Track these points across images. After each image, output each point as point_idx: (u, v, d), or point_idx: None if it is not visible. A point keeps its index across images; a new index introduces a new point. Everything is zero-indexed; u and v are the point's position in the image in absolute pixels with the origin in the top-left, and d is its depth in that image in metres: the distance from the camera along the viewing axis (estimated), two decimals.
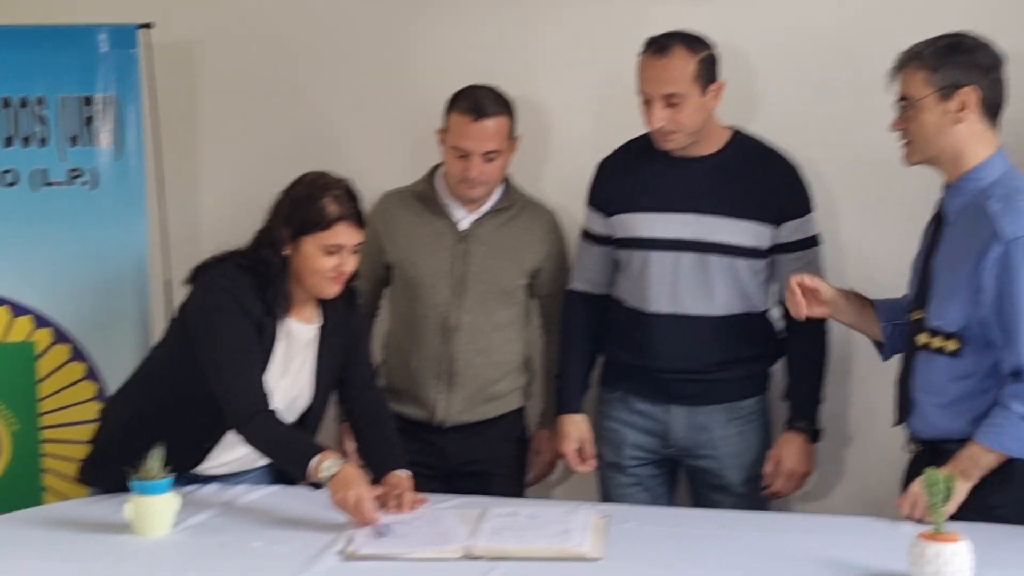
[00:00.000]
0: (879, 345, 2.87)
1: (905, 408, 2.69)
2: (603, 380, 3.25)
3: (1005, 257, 2.46)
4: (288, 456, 2.73)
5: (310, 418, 2.92)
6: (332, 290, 2.83)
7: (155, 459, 2.60)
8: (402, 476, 2.78)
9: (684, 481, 3.25)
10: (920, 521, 2.45)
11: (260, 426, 2.72)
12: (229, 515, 2.72)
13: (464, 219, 3.24)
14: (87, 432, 3.39)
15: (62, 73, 3.50)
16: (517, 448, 3.38)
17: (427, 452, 3.21)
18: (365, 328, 3.04)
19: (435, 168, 3.31)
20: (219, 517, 2.70)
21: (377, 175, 3.37)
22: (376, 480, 2.76)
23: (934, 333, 2.59)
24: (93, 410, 3.43)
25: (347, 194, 2.81)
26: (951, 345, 2.56)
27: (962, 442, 2.52)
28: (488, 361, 3.25)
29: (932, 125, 2.56)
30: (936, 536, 2.15)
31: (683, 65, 2.93)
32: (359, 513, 2.56)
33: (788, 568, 2.31)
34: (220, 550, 2.50)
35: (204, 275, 2.84)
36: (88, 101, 3.51)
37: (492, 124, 3.12)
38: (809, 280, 2.80)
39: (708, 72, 2.97)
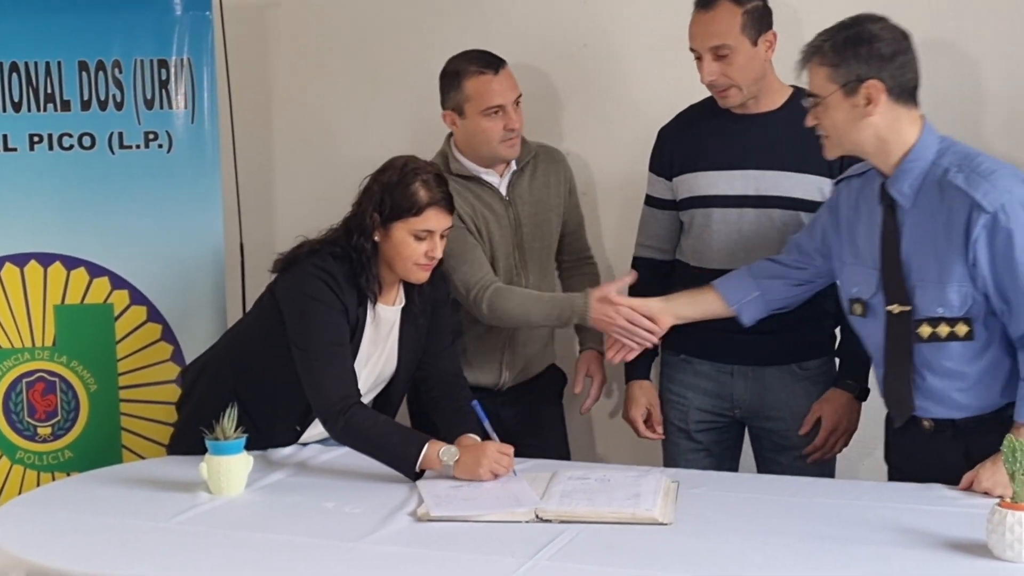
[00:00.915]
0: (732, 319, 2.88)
1: (907, 406, 2.62)
2: (665, 343, 3.21)
3: (994, 226, 2.42)
4: (389, 453, 2.71)
5: (392, 395, 2.96)
6: (422, 276, 2.85)
7: (229, 419, 2.64)
8: (475, 439, 2.80)
9: (748, 447, 3.23)
10: (987, 494, 2.42)
11: (353, 422, 2.72)
12: (302, 475, 2.76)
13: (500, 183, 3.24)
14: (164, 392, 3.48)
15: (137, 36, 3.52)
16: (559, 405, 3.44)
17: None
18: (444, 299, 3.02)
19: (442, 154, 3.25)
20: (293, 477, 2.74)
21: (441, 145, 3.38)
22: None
23: (937, 322, 2.53)
24: (170, 371, 3.49)
25: (436, 179, 2.82)
26: (962, 329, 2.51)
27: (997, 412, 2.50)
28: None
29: (843, 121, 2.54)
30: (1016, 504, 2.12)
31: (729, 17, 2.91)
32: (501, 470, 2.64)
33: (862, 535, 2.28)
34: (292, 509, 2.53)
35: (300, 263, 2.83)
36: (163, 64, 3.53)
37: (508, 73, 3.16)
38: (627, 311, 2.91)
39: (757, 23, 2.93)
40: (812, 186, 2.98)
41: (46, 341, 3.53)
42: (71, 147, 3.51)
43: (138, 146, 3.53)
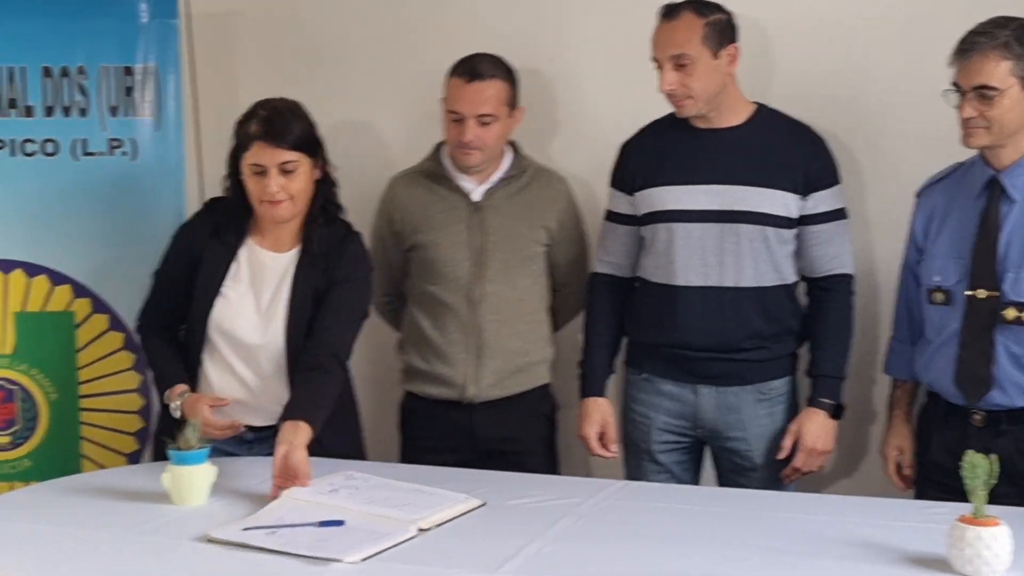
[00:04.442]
0: None
1: (984, 384, 2.72)
2: (628, 361, 3.23)
3: None
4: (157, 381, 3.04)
5: (292, 344, 2.93)
6: (272, 213, 2.90)
7: (192, 429, 2.63)
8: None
9: (710, 468, 3.23)
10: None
11: (144, 342, 3.08)
12: (266, 485, 2.74)
13: (476, 190, 3.24)
14: (125, 401, 3.47)
15: (103, 43, 3.51)
16: (547, 425, 3.37)
17: (457, 433, 3.24)
18: (348, 277, 2.96)
19: (440, 144, 3.31)
20: (258, 486, 2.71)
21: (409, 152, 3.40)
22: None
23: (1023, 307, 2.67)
24: (131, 380, 3.47)
25: (272, 113, 2.89)
26: None
27: None
28: (514, 331, 3.25)
29: (1017, 114, 2.65)
30: (976, 520, 2.14)
31: (690, 27, 2.94)
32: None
33: (818, 549, 2.29)
34: None
35: None
36: (128, 71, 3.52)
37: (486, 87, 3.13)
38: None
39: (719, 36, 2.96)
40: (778, 201, 2.99)
41: (6, 349, 3.50)
42: (34, 153, 3.49)
43: (102, 153, 3.51)
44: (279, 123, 2.86)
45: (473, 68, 3.14)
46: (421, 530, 2.40)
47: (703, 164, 3.04)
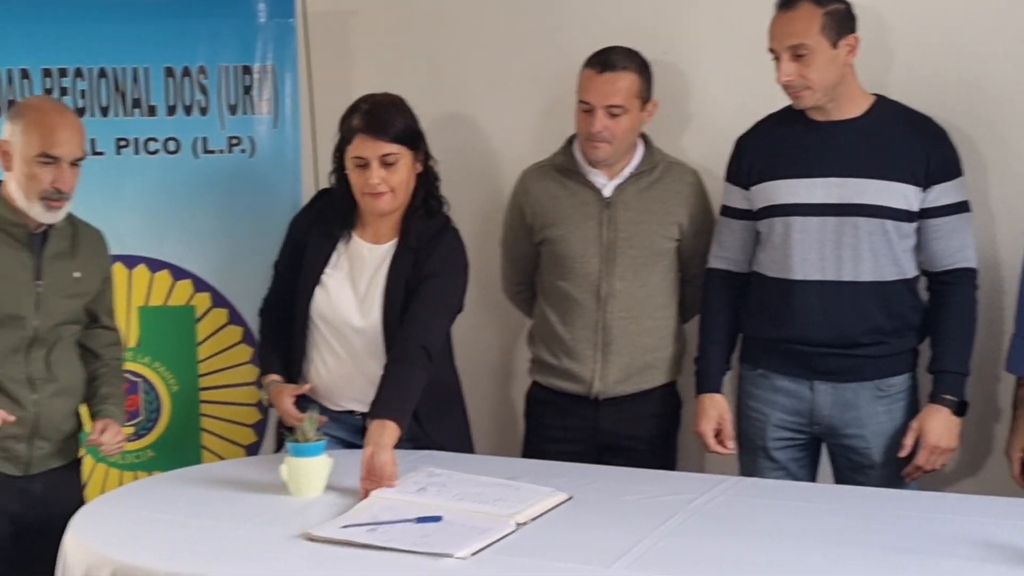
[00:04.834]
0: None
1: None
2: (743, 357, 3.20)
3: None
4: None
5: (389, 331, 2.97)
6: (374, 206, 2.95)
7: (310, 422, 2.67)
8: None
9: (826, 464, 3.18)
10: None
11: (261, 324, 3.19)
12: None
13: (607, 185, 3.23)
14: (244, 394, 3.53)
15: (222, 43, 3.57)
16: (670, 422, 3.35)
17: (580, 427, 3.24)
18: (441, 271, 2.98)
19: (572, 137, 3.30)
20: None
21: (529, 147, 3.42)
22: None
23: None
24: (249, 373, 3.53)
25: (375, 107, 2.95)
26: None
27: None
28: (642, 328, 3.23)
29: None
30: None
31: (808, 17, 2.89)
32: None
33: (939, 548, 2.25)
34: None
35: None
36: (247, 70, 3.58)
37: (617, 78, 3.12)
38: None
39: (837, 25, 2.90)
40: (898, 194, 2.93)
41: (130, 342, 3.57)
42: (156, 151, 3.57)
43: (221, 151, 3.58)
44: (381, 116, 2.92)
45: (606, 59, 3.14)
46: (519, 524, 2.40)
47: (821, 157, 2.99)
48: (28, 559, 2.84)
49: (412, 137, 2.97)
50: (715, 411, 3.15)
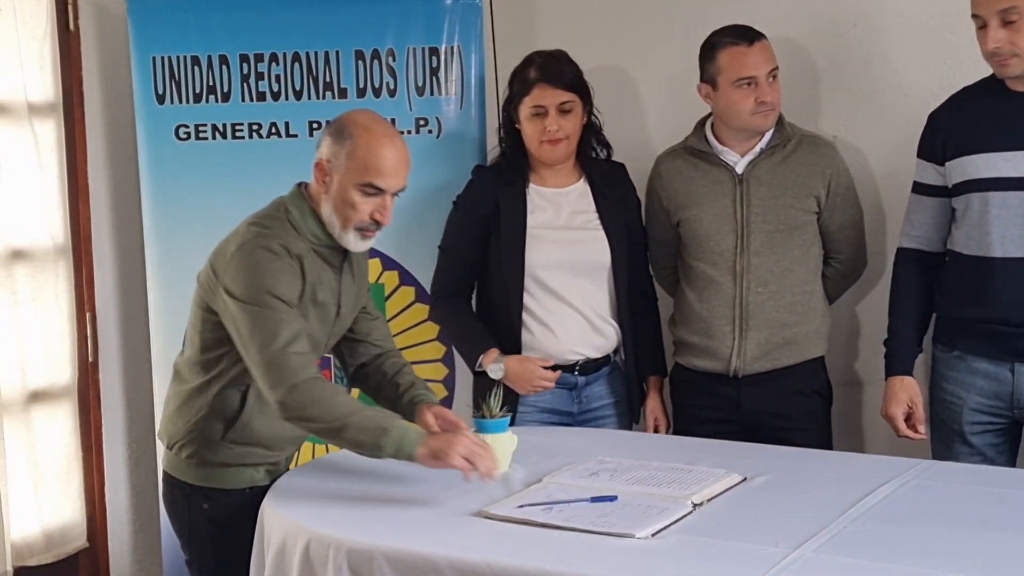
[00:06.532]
0: None
1: None
2: (937, 338, 3.10)
3: None
4: (461, 347, 3.34)
5: (616, 268, 3.20)
6: (550, 154, 3.12)
7: (495, 398, 2.70)
8: None
9: None
10: None
11: (440, 309, 3.37)
12: (564, 454, 2.77)
13: (739, 163, 3.22)
14: (431, 371, 3.57)
15: (410, 25, 3.63)
16: (819, 401, 3.29)
17: (723, 407, 3.23)
18: (637, 202, 3.35)
19: (702, 121, 3.30)
20: (557, 457, 2.76)
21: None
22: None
23: None
24: (436, 350, 3.58)
25: (549, 58, 3.13)
26: None
27: None
28: (782, 303, 3.19)
29: None
30: None
31: None
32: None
33: None
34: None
35: None
36: (434, 52, 3.63)
37: (765, 46, 3.15)
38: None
39: None
40: None
41: None
42: None
43: (409, 131, 3.63)
44: (555, 66, 3.13)
45: (746, 31, 3.16)
46: (695, 505, 2.38)
47: (1022, 129, 2.87)
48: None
49: (584, 86, 3.22)
50: (905, 394, 3.07)
